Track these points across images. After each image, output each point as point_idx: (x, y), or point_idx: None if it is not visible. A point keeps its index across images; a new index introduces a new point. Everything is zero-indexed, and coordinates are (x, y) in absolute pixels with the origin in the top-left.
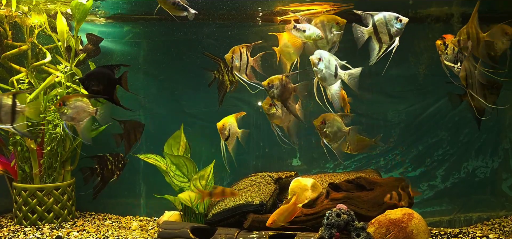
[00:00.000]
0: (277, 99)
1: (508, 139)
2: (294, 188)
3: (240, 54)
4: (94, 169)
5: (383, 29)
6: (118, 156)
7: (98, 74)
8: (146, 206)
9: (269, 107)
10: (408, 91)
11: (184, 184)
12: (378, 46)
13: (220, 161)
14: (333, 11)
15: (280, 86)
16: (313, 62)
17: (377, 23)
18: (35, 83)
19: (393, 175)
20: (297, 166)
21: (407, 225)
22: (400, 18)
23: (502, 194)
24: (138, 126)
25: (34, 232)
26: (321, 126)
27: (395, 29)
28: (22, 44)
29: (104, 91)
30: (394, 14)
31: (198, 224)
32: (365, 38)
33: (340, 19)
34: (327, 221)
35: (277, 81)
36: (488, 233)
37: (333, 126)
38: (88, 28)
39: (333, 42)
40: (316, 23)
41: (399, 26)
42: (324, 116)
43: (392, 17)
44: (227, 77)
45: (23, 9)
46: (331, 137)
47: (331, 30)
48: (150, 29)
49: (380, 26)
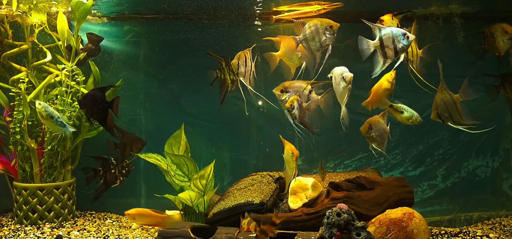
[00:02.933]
0: (298, 118)
1: (509, 138)
2: (294, 187)
3: (245, 60)
4: (97, 171)
5: (389, 44)
6: None
7: (92, 97)
8: (146, 205)
9: (280, 93)
10: (409, 91)
11: (184, 184)
12: (382, 60)
13: (220, 160)
14: (323, 11)
15: (299, 106)
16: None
17: (384, 37)
18: (36, 82)
19: (394, 174)
20: (298, 166)
21: (407, 224)
22: (407, 35)
23: (502, 194)
24: (138, 142)
25: (35, 232)
26: (368, 131)
27: (401, 45)
28: (22, 43)
29: (97, 114)
30: (401, 31)
31: (199, 223)
32: (370, 51)
33: (333, 23)
34: (328, 221)
35: (296, 102)
36: (488, 232)
37: (379, 129)
38: (88, 27)
39: (326, 45)
40: (310, 27)
41: (405, 43)
42: (369, 121)
43: (399, 33)
44: (229, 77)
45: (23, 9)
46: (378, 140)
47: (325, 33)
48: (150, 28)
49: (386, 41)
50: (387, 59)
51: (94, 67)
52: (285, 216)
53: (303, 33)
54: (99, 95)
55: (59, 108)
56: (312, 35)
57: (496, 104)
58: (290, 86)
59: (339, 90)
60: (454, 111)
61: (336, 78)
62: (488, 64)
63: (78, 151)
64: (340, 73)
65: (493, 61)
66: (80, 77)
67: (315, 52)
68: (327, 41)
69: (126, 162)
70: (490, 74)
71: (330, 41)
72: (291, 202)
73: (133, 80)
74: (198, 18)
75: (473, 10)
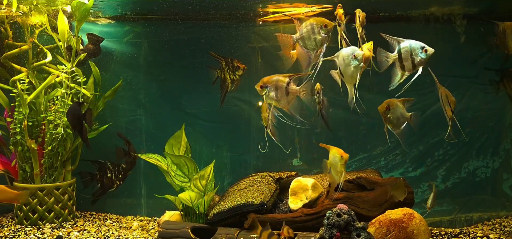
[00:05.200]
0: (275, 101)
1: (509, 139)
2: (294, 188)
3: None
4: (94, 175)
5: (407, 57)
6: (119, 165)
7: (72, 110)
8: (146, 206)
9: (260, 89)
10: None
11: (185, 184)
12: (400, 73)
13: (220, 160)
14: (311, 13)
15: (274, 89)
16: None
17: (402, 50)
18: (36, 83)
19: (394, 175)
20: (298, 166)
21: (407, 225)
22: (425, 48)
23: (502, 194)
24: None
25: (35, 232)
26: (385, 112)
27: (419, 59)
28: (22, 44)
29: (75, 126)
30: (420, 44)
31: (199, 224)
32: (388, 63)
33: (328, 22)
34: (328, 221)
35: (272, 83)
36: (488, 233)
37: (396, 112)
38: (89, 28)
39: (321, 44)
40: (306, 26)
41: (423, 56)
42: (388, 102)
43: (417, 46)
44: (229, 76)
45: (23, 10)
46: (394, 122)
47: (319, 33)
48: (150, 29)
49: (405, 53)
50: (405, 72)
51: (94, 68)
52: (285, 216)
53: (300, 32)
54: (76, 108)
55: (60, 110)
56: (308, 34)
57: (496, 104)
58: (269, 81)
59: (349, 71)
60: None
61: (345, 59)
62: (494, 61)
63: (78, 152)
64: (350, 53)
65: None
66: (80, 78)
67: (311, 51)
68: (322, 40)
69: (122, 166)
70: (490, 68)
71: (325, 40)
72: (291, 203)
73: (133, 80)
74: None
75: (473, 11)
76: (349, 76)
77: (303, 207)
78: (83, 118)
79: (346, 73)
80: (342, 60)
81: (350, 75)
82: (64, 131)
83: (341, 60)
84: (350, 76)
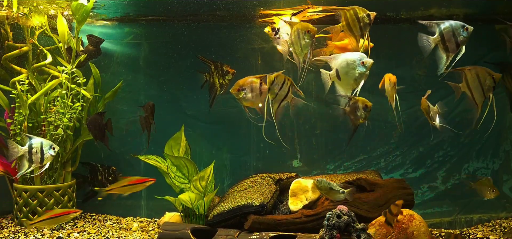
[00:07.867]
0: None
1: (509, 140)
2: (294, 189)
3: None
4: (86, 177)
5: (450, 38)
6: (109, 168)
7: (94, 121)
8: (146, 207)
9: (237, 92)
10: (409, 92)
11: (184, 185)
12: (445, 55)
13: (220, 162)
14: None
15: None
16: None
17: (444, 31)
18: (36, 84)
19: (394, 176)
20: (298, 167)
21: (407, 226)
22: (466, 27)
23: (502, 196)
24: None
25: (35, 233)
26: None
27: (462, 38)
28: (23, 45)
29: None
30: (460, 23)
31: (199, 225)
32: (431, 47)
33: (311, 27)
34: (328, 222)
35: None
36: (488, 234)
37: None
38: (89, 29)
39: (305, 49)
40: (294, 31)
41: (465, 35)
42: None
43: (458, 26)
44: (217, 80)
45: (24, 11)
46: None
47: (304, 38)
48: (150, 30)
49: (447, 34)
50: (449, 53)
51: (94, 69)
52: (285, 218)
53: (289, 36)
54: (99, 118)
55: (60, 110)
56: (295, 39)
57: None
58: (244, 83)
59: (352, 76)
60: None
61: (349, 64)
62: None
63: (78, 153)
64: (357, 58)
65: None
66: (80, 79)
67: (299, 56)
68: (307, 45)
69: (112, 169)
70: (489, 62)
71: (308, 45)
72: (291, 204)
73: (133, 82)
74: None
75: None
76: (352, 81)
77: (303, 208)
78: (105, 128)
79: (348, 77)
80: (346, 64)
81: (353, 80)
82: (64, 132)
83: (344, 64)
84: (352, 81)
